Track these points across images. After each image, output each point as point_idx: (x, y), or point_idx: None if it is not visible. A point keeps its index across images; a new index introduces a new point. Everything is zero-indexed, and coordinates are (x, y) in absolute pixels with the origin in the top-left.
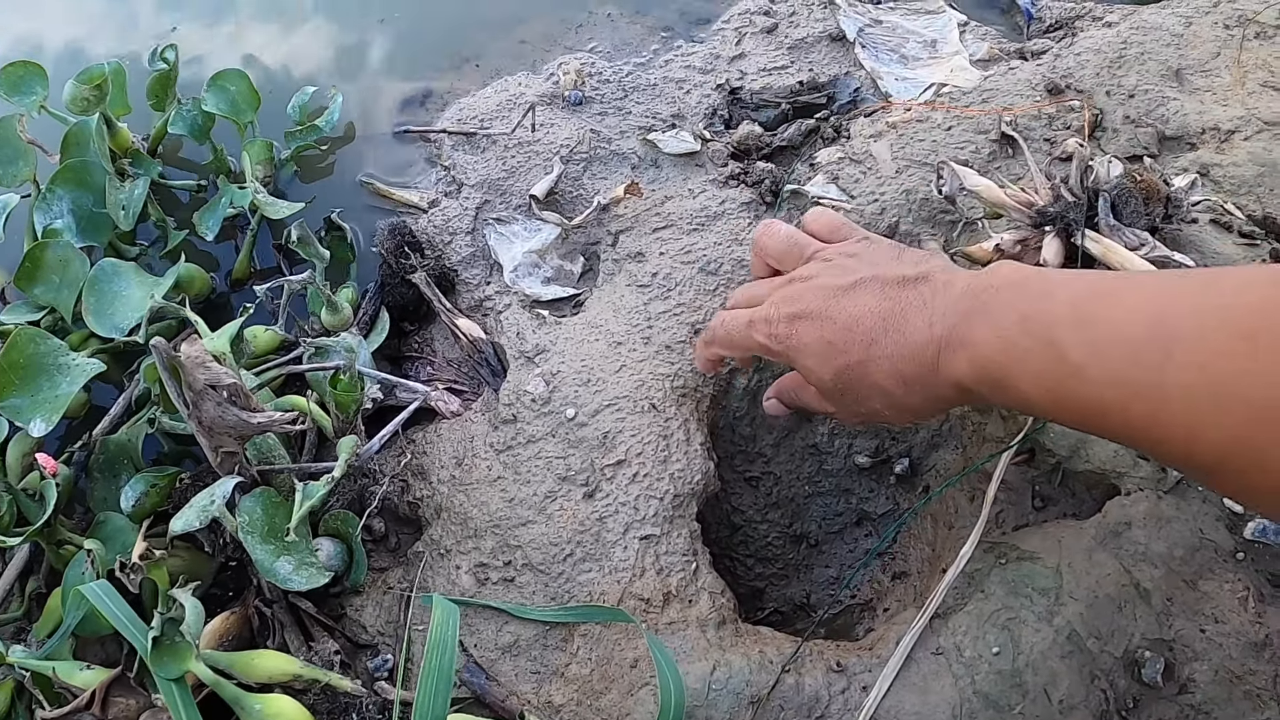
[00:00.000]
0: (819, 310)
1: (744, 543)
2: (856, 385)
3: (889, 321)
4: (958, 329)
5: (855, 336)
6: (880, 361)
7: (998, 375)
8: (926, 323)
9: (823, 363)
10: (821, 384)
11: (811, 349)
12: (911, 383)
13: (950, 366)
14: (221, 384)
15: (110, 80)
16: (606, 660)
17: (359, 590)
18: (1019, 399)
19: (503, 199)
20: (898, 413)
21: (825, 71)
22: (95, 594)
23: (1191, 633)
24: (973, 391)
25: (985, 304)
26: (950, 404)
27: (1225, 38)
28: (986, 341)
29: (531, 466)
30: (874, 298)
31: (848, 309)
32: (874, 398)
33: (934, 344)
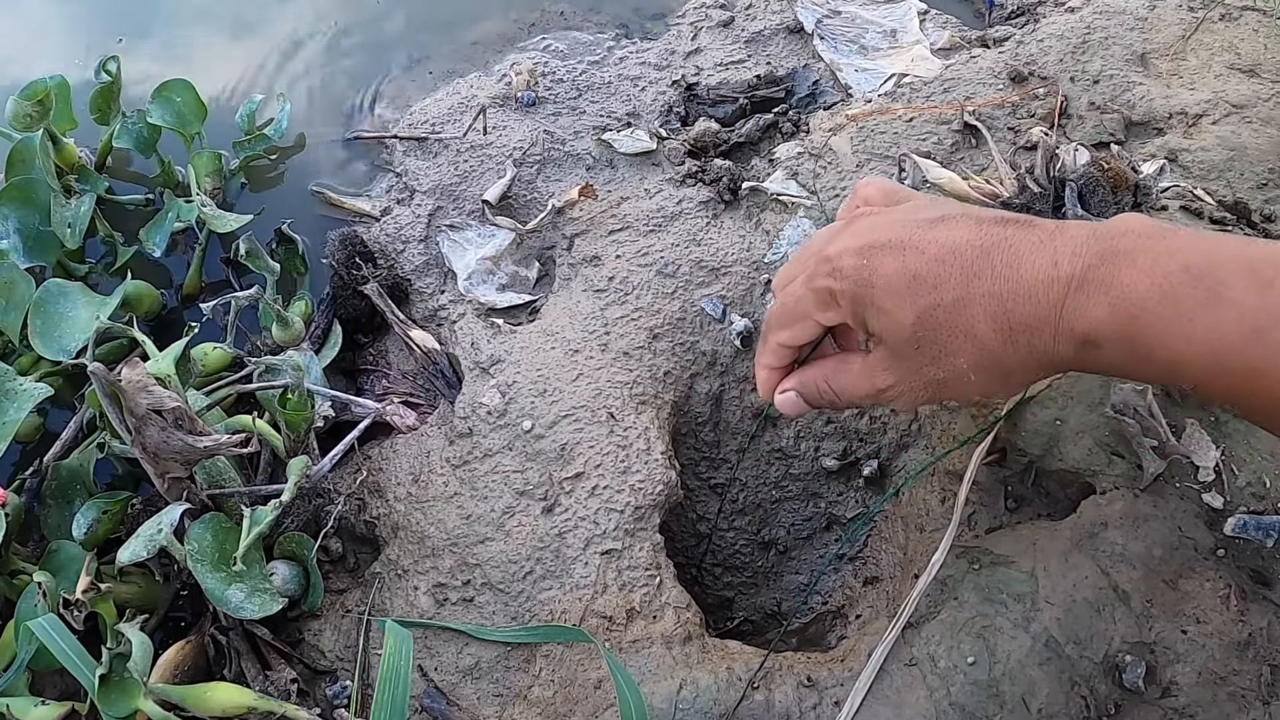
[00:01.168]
0: (901, 239)
1: (711, 551)
2: (944, 333)
3: (994, 256)
4: (1096, 271)
5: (951, 270)
6: (983, 301)
7: (1148, 329)
8: (1050, 260)
9: (904, 302)
10: (896, 333)
11: (891, 284)
12: (1019, 331)
13: (1081, 313)
14: (165, 408)
15: (54, 95)
16: (570, 681)
17: (317, 614)
18: (1166, 363)
19: (456, 205)
20: (984, 376)
21: (783, 65)
22: (43, 630)
23: (1173, 634)
24: (1099, 348)
25: (1131, 249)
26: (1053, 366)
27: (1190, 20)
28: (1136, 288)
29: (488, 481)
30: (970, 231)
31: (939, 239)
32: (962, 351)
33: (1060, 284)
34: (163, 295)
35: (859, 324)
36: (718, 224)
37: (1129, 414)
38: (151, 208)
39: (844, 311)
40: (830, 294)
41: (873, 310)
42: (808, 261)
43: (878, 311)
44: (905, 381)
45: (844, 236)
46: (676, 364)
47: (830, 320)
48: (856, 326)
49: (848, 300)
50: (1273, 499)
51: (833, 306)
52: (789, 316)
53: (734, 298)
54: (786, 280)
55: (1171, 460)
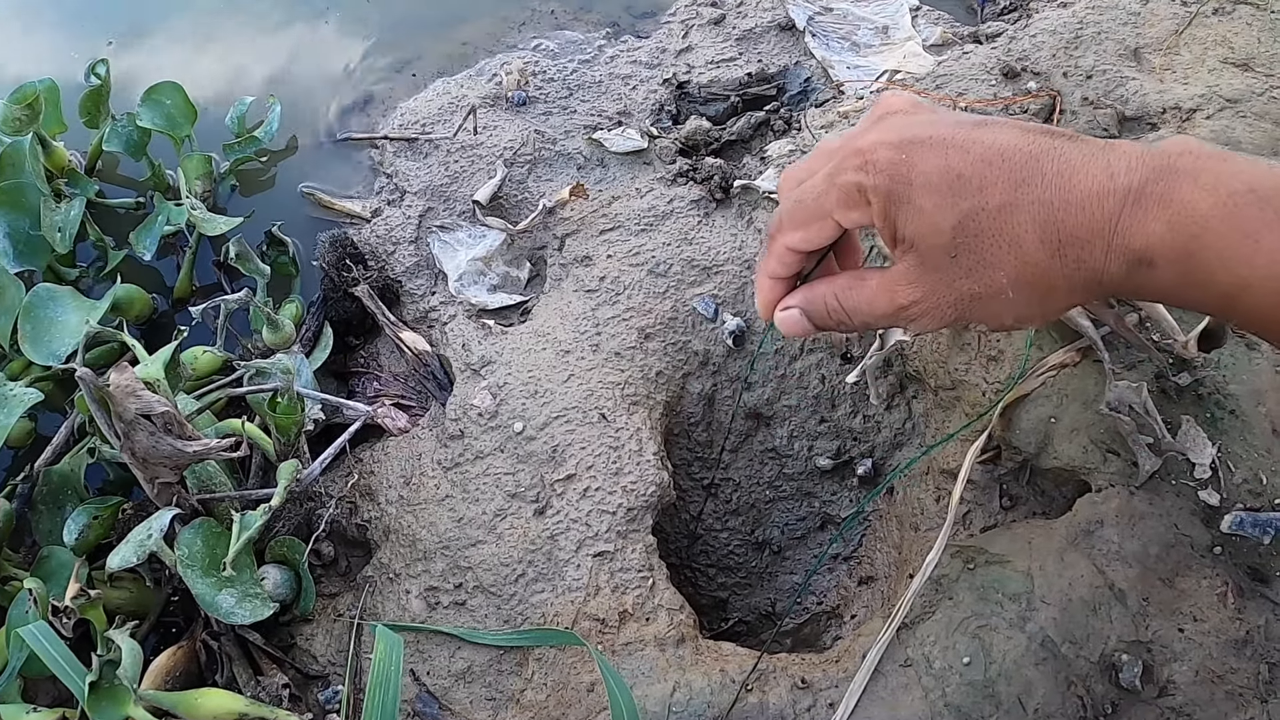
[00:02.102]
0: (944, 137)
1: (704, 552)
2: (986, 241)
3: (1044, 163)
4: (1153, 186)
5: (998, 173)
6: (1032, 208)
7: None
8: (1105, 170)
9: (945, 203)
10: (932, 237)
11: (931, 182)
12: (1069, 244)
13: (1137, 228)
14: (154, 412)
15: (43, 98)
16: (563, 685)
17: (309, 618)
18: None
19: (446, 206)
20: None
21: (775, 62)
22: (34, 636)
23: (1170, 633)
24: (1153, 270)
25: (1192, 168)
26: (1100, 287)
27: (1183, 14)
28: (1199, 206)
29: (480, 484)
30: (1018, 136)
31: (985, 139)
32: (1003, 264)
33: (1116, 196)
34: (154, 299)
35: (888, 227)
36: (709, 223)
37: (1124, 411)
38: (142, 211)
39: (873, 211)
40: (859, 189)
41: (908, 210)
42: (833, 154)
43: (914, 212)
44: (933, 297)
45: (877, 130)
46: (668, 364)
47: (853, 221)
48: (884, 230)
49: (880, 197)
50: (1269, 495)
51: (860, 205)
52: (805, 214)
53: (726, 297)
54: (802, 176)
55: (1167, 457)
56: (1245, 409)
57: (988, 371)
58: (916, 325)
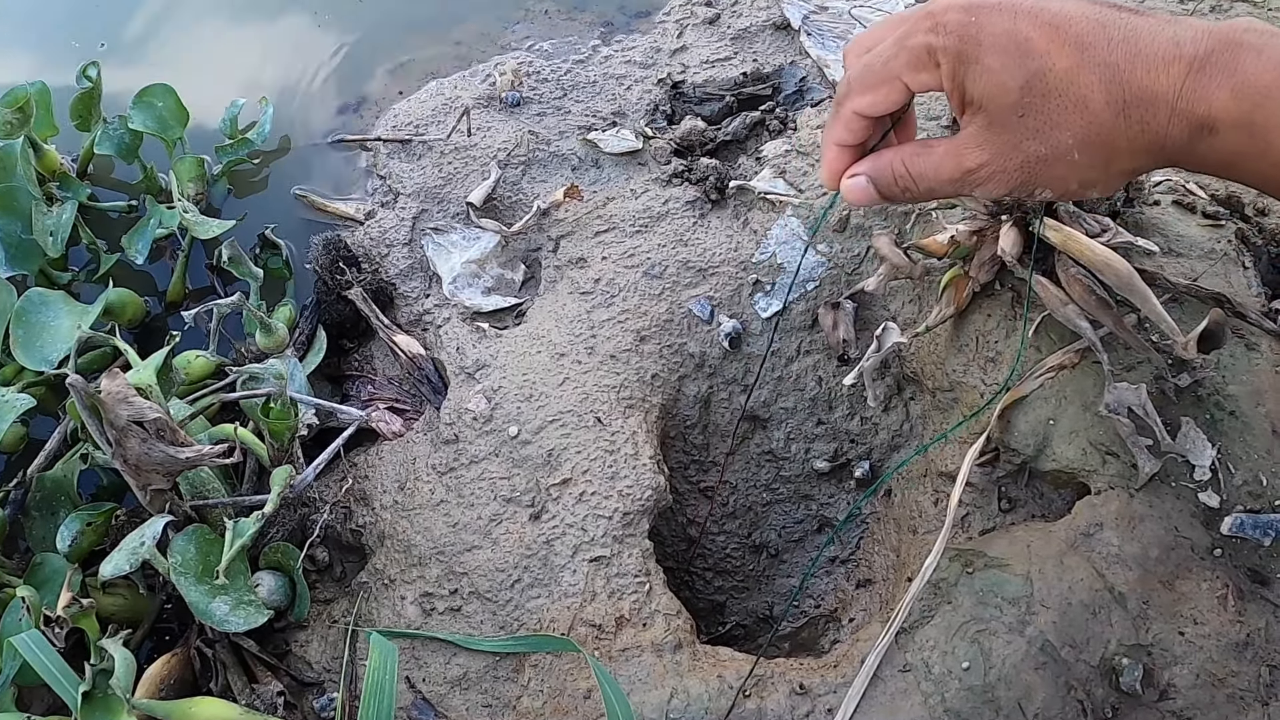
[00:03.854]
0: (1013, 3)
1: (701, 555)
2: (1053, 101)
3: (1111, 29)
4: (1219, 55)
5: (1065, 36)
6: (1099, 69)
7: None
8: (1171, 40)
9: (1013, 63)
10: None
11: (1000, 43)
12: (1134, 105)
13: (1202, 94)
14: (146, 419)
15: (34, 102)
16: (559, 691)
17: (303, 624)
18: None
19: (440, 207)
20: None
21: (770, 61)
22: (26, 645)
23: (1170, 636)
24: (1216, 136)
25: (1256, 43)
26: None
27: (1180, 12)
28: (1262, 76)
29: (475, 488)
30: (1085, 5)
31: (1052, 6)
32: (1070, 124)
33: (1183, 62)
34: (146, 302)
35: (957, 89)
36: (705, 224)
37: (1123, 413)
38: (134, 214)
39: (943, 72)
40: (929, 51)
41: (976, 70)
42: (903, 20)
43: (983, 71)
44: (1000, 159)
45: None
46: (664, 366)
47: (922, 83)
48: (953, 93)
49: (950, 58)
50: (1270, 497)
51: (928, 67)
52: (873, 78)
53: (722, 298)
54: (870, 43)
55: (1167, 459)
56: (1245, 410)
57: (985, 373)
58: (983, 189)
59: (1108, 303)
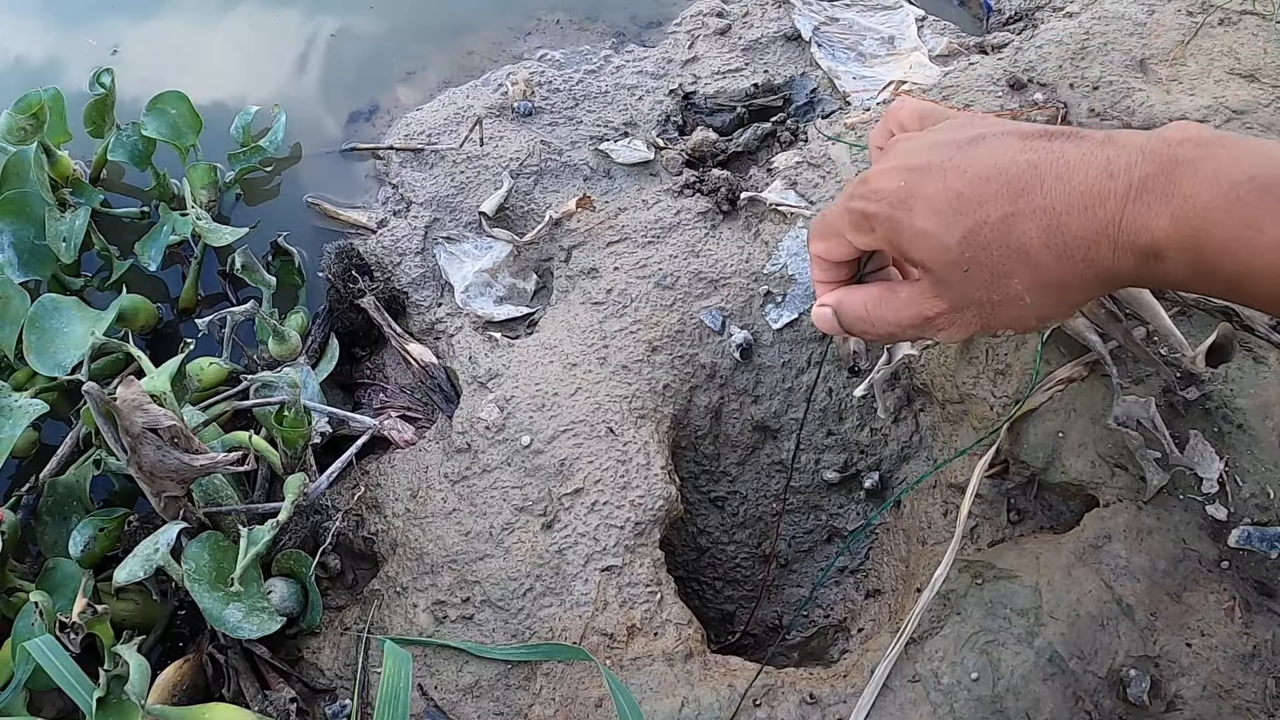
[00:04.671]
0: (941, 161)
1: (711, 565)
2: (993, 252)
3: (1044, 170)
4: (1155, 180)
5: (996, 187)
6: (1034, 216)
7: (1216, 242)
8: (1105, 170)
9: (947, 222)
10: (940, 255)
11: (932, 205)
12: (1075, 245)
13: (1142, 224)
14: (161, 426)
15: (48, 108)
16: (570, 700)
17: (315, 631)
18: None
19: (452, 216)
20: (1041, 296)
21: (781, 73)
22: (40, 650)
23: (1177, 648)
24: (1162, 263)
25: (1193, 158)
26: (1113, 281)
27: (1189, 25)
28: (1200, 198)
29: (487, 497)
30: (1014, 147)
31: (982, 157)
32: (1015, 271)
33: (1118, 195)
34: (159, 309)
35: (897, 252)
36: (716, 235)
37: (1132, 426)
38: (147, 221)
39: (879, 237)
40: (864, 216)
41: (910, 234)
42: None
43: (917, 235)
44: (955, 309)
45: (882, 161)
46: (676, 377)
47: (864, 244)
48: (896, 255)
49: (882, 224)
50: (1277, 510)
51: (866, 230)
52: (826, 229)
53: (733, 309)
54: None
55: (1175, 472)
56: (1253, 423)
57: (995, 385)
58: (945, 335)
59: (1117, 316)
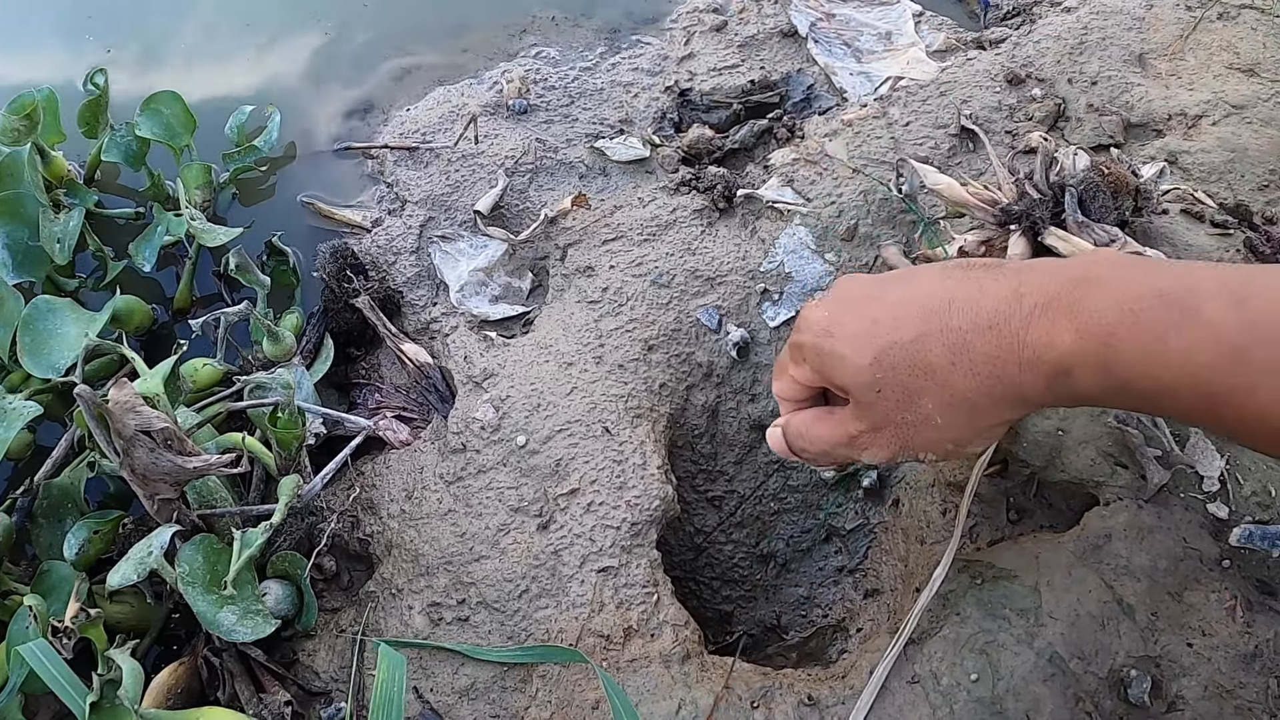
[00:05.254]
0: (865, 294)
1: (709, 565)
2: (903, 373)
3: (957, 294)
4: (1061, 298)
5: (909, 312)
6: (940, 336)
7: (1122, 356)
8: (1012, 292)
9: (861, 346)
10: (856, 377)
11: (849, 330)
12: (982, 363)
13: (1047, 341)
14: (153, 428)
15: (42, 109)
16: (567, 702)
17: (311, 633)
18: (1144, 390)
19: (447, 215)
20: (951, 416)
21: (777, 69)
22: (33, 655)
23: (1178, 648)
24: (1072, 379)
25: (1101, 276)
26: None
27: (1188, 19)
28: (1105, 313)
29: (483, 498)
30: (934, 277)
31: (901, 288)
32: (925, 390)
33: (1022, 313)
34: (154, 310)
35: (825, 380)
36: (713, 232)
37: (1132, 423)
38: (141, 221)
39: (809, 368)
40: (797, 348)
41: (832, 360)
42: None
43: (838, 360)
44: (875, 430)
45: (821, 297)
46: (672, 376)
47: (803, 376)
48: (825, 382)
49: (810, 354)
50: (1278, 508)
51: (800, 362)
52: (778, 368)
53: (730, 308)
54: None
55: (1176, 470)
56: None
57: None
58: (869, 455)
59: None
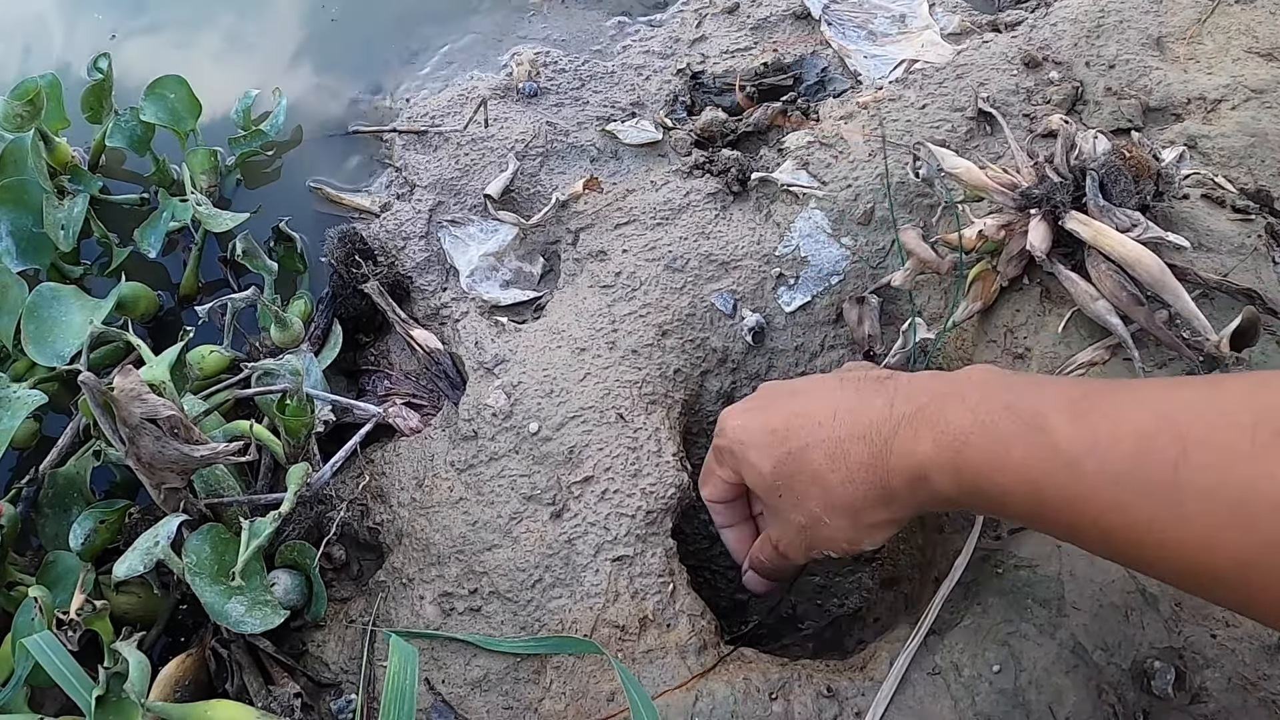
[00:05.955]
0: (769, 404)
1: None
2: (795, 479)
3: (841, 405)
4: (926, 410)
5: (802, 422)
6: (824, 445)
7: (971, 463)
8: (887, 403)
9: (764, 454)
10: (760, 481)
11: (756, 438)
12: (856, 469)
13: (909, 448)
14: (159, 416)
15: (45, 94)
16: (582, 694)
17: (320, 624)
18: (992, 495)
19: (457, 200)
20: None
21: (790, 52)
22: (38, 647)
23: (1202, 639)
24: (930, 483)
25: (961, 389)
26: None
27: (1205, 2)
28: (960, 423)
29: (495, 486)
30: (830, 391)
31: (800, 399)
32: (812, 494)
33: (892, 422)
34: (160, 296)
35: (739, 479)
36: (727, 216)
37: None
38: (147, 207)
39: (729, 468)
40: (718, 451)
41: (744, 464)
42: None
43: (748, 465)
44: (783, 532)
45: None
46: (687, 361)
47: (726, 476)
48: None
49: (728, 457)
50: None
51: (722, 464)
52: (705, 473)
53: (745, 292)
54: None
55: None
56: None
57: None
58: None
59: (1139, 299)
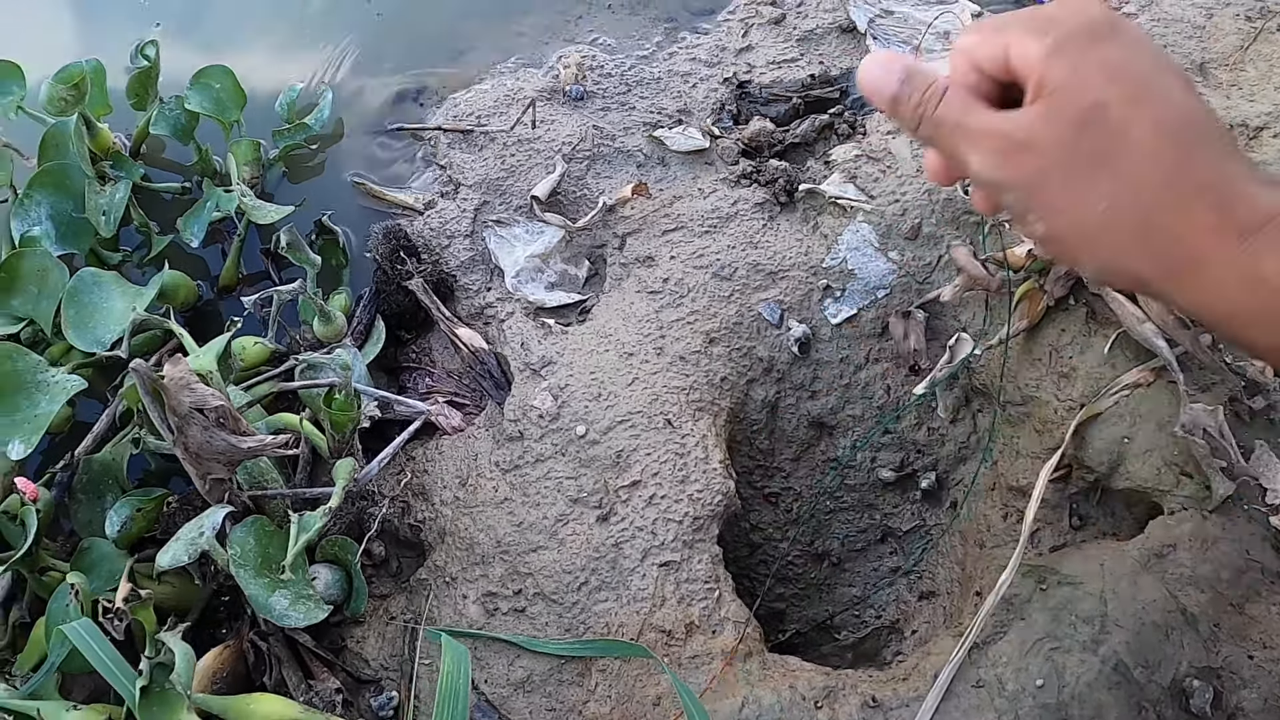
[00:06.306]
0: (1145, 41)
1: (763, 562)
2: (1117, 139)
3: (1211, 129)
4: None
5: (1167, 83)
6: (1172, 145)
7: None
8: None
9: (1106, 78)
10: (1076, 95)
11: (1107, 58)
12: (1199, 191)
13: (1263, 250)
14: (208, 406)
15: (89, 79)
16: (627, 698)
17: (360, 620)
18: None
19: (502, 200)
20: (1120, 217)
21: (837, 64)
22: (78, 635)
23: (1240, 660)
24: (1268, 285)
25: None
26: (1195, 268)
27: (1248, 30)
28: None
29: (540, 487)
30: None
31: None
32: (1119, 171)
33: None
34: (198, 286)
35: (1044, 67)
36: (774, 226)
37: (1198, 434)
38: (187, 196)
39: (1046, 44)
40: (1049, 20)
41: (1075, 60)
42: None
43: (1075, 66)
44: (1029, 164)
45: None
46: (733, 370)
47: (1023, 49)
48: (1038, 70)
49: (1061, 33)
50: None
51: (1039, 36)
52: (990, 25)
53: (791, 303)
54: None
55: (1240, 482)
56: None
57: (1059, 388)
58: (999, 185)
59: (1184, 322)
